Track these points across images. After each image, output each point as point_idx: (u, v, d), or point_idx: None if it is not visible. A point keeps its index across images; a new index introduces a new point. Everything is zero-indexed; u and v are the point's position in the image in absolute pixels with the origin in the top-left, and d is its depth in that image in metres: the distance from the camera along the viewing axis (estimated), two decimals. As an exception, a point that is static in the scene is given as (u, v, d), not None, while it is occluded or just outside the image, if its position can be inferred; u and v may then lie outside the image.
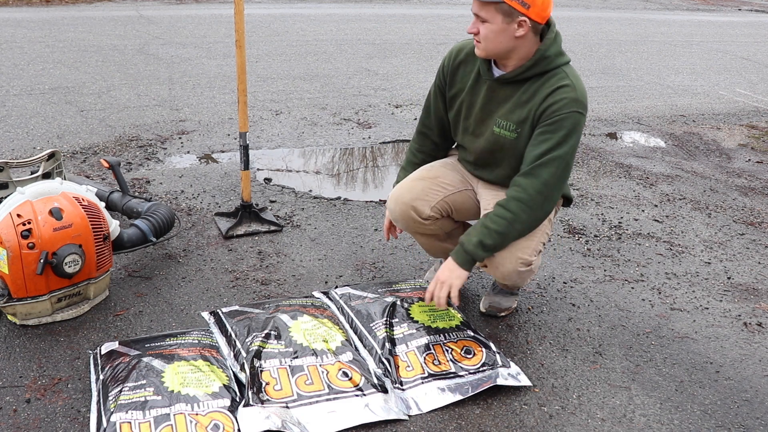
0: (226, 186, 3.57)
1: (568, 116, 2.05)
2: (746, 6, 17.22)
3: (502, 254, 2.17)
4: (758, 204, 3.92)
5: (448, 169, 2.43)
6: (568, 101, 2.05)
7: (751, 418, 2.07)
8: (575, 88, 2.07)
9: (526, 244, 2.18)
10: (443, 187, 2.36)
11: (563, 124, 2.05)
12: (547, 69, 2.09)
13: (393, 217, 2.41)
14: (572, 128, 2.06)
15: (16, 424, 1.84)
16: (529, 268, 2.20)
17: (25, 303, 2.20)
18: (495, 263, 2.20)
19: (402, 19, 10.32)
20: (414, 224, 2.37)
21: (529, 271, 2.22)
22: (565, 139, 2.06)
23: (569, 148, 2.07)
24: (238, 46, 2.77)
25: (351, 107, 5.30)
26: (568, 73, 2.10)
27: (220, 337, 2.21)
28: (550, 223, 2.30)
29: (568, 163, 2.11)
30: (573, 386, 2.16)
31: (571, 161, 2.12)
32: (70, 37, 7.22)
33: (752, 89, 7.24)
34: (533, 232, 2.19)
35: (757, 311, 2.71)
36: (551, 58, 2.08)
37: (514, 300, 2.54)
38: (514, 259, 2.17)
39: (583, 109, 2.08)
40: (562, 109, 2.04)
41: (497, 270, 2.21)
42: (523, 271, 2.20)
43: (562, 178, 2.12)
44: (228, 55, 6.76)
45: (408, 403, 1.99)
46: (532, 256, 2.19)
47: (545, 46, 2.07)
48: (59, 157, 2.64)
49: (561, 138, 2.06)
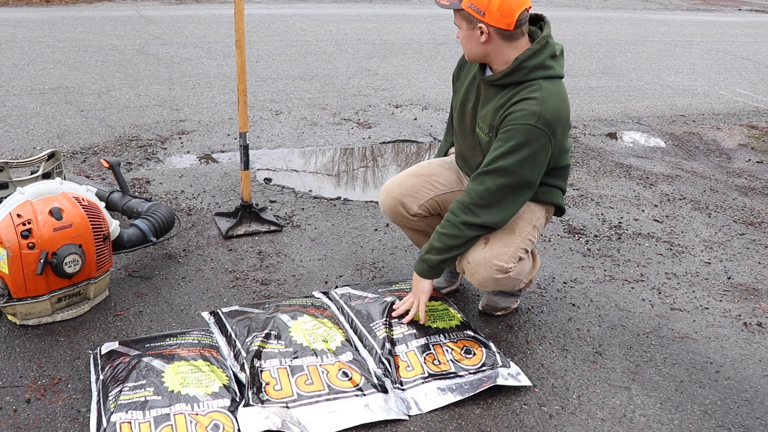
0: (226, 186, 3.57)
1: (521, 128, 1.99)
2: (746, 6, 17.22)
3: (477, 261, 2.14)
4: (758, 204, 3.92)
5: (444, 168, 2.43)
6: (526, 113, 1.99)
7: (751, 418, 2.07)
8: (542, 102, 2.00)
9: (503, 250, 2.14)
10: (435, 185, 2.36)
11: (514, 135, 2.00)
12: (523, 80, 2.05)
13: (382, 209, 2.42)
14: (524, 141, 1.99)
15: (16, 424, 1.84)
16: (506, 275, 2.16)
17: (25, 303, 2.20)
18: (470, 270, 2.18)
19: (402, 19, 10.32)
20: (402, 219, 2.40)
21: (506, 277, 2.17)
22: (513, 149, 2.01)
23: (516, 160, 2.01)
24: (238, 46, 2.77)
25: (351, 107, 5.30)
26: (543, 86, 2.03)
27: (220, 337, 2.21)
28: (536, 231, 2.25)
29: (521, 180, 2.05)
30: (573, 386, 2.16)
31: (523, 174, 2.04)
32: (70, 37, 7.22)
33: (752, 89, 7.24)
34: (511, 238, 2.16)
35: (757, 311, 2.71)
36: (528, 69, 2.04)
37: (513, 300, 2.53)
38: (489, 266, 2.13)
39: (543, 125, 1.99)
40: (518, 120, 2.00)
41: (473, 277, 2.19)
42: (500, 278, 2.16)
43: (512, 192, 2.07)
44: (228, 55, 6.76)
45: (408, 403, 1.99)
46: (509, 263, 2.14)
47: (524, 55, 2.04)
48: (59, 157, 2.64)
49: (510, 148, 2.01)
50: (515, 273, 2.20)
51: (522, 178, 2.06)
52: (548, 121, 2.00)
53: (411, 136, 4.68)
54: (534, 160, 2.04)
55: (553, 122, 2.01)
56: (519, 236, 2.18)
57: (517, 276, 2.22)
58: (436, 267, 2.18)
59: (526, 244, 2.21)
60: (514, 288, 2.32)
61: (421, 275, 2.21)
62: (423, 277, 2.20)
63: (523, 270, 2.25)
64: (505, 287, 2.27)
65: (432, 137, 4.69)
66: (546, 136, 2.01)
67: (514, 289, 2.35)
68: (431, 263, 2.17)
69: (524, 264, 2.24)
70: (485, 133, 2.15)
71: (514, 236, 2.17)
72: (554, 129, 2.02)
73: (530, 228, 2.22)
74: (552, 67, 2.08)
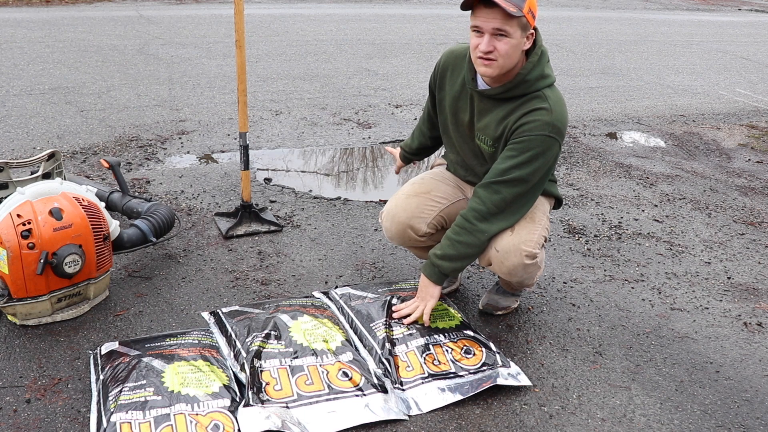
0: (226, 186, 3.57)
1: (537, 138, 2.03)
2: (746, 6, 17.22)
3: (507, 249, 2.17)
4: (758, 204, 3.92)
5: (439, 181, 2.44)
6: (540, 124, 2.03)
7: (751, 418, 2.07)
8: (552, 112, 2.04)
9: (529, 237, 2.18)
10: (437, 201, 2.37)
11: (530, 145, 2.04)
12: (526, 92, 2.07)
13: (389, 236, 2.42)
14: (541, 151, 2.05)
15: (16, 424, 1.84)
16: (534, 261, 2.20)
17: (25, 303, 2.20)
18: (500, 258, 2.19)
19: (402, 19, 10.32)
20: (410, 241, 2.40)
21: (534, 264, 2.21)
22: (530, 160, 2.05)
23: (533, 170, 2.06)
24: (238, 46, 2.77)
25: (351, 107, 5.30)
26: (549, 96, 2.07)
27: (220, 337, 2.21)
28: (548, 221, 2.31)
29: (534, 185, 2.11)
30: (573, 386, 2.16)
31: (537, 183, 2.11)
32: (70, 37, 7.22)
33: (752, 89, 7.24)
34: (533, 226, 2.20)
35: (757, 311, 2.71)
36: (531, 82, 2.06)
37: (513, 300, 2.54)
38: (519, 253, 2.16)
39: (556, 134, 2.05)
40: (533, 131, 2.03)
41: (503, 265, 2.20)
42: (529, 264, 2.20)
43: (525, 198, 2.14)
44: (228, 55, 6.76)
45: (408, 403, 1.99)
46: (535, 249, 2.18)
47: (526, 69, 2.05)
48: (59, 157, 2.64)
49: (527, 158, 2.05)
50: (539, 260, 2.25)
51: (536, 185, 2.13)
52: (559, 129, 2.06)
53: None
54: (546, 167, 2.11)
55: (562, 129, 2.08)
56: (539, 224, 2.23)
57: (540, 264, 2.27)
58: (449, 273, 2.21)
59: (544, 233, 2.26)
60: (531, 280, 2.35)
61: (432, 281, 2.22)
62: (434, 282, 2.22)
63: (543, 259, 2.31)
64: (528, 277, 2.29)
65: (432, 137, 4.69)
66: (558, 144, 2.08)
67: (531, 281, 2.37)
68: (445, 270, 2.19)
69: (543, 253, 2.29)
70: (488, 144, 2.19)
71: (535, 224, 2.21)
72: (563, 135, 2.09)
73: (545, 218, 2.27)
74: (549, 75, 2.11)
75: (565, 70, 7.33)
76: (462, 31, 9.52)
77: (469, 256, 2.18)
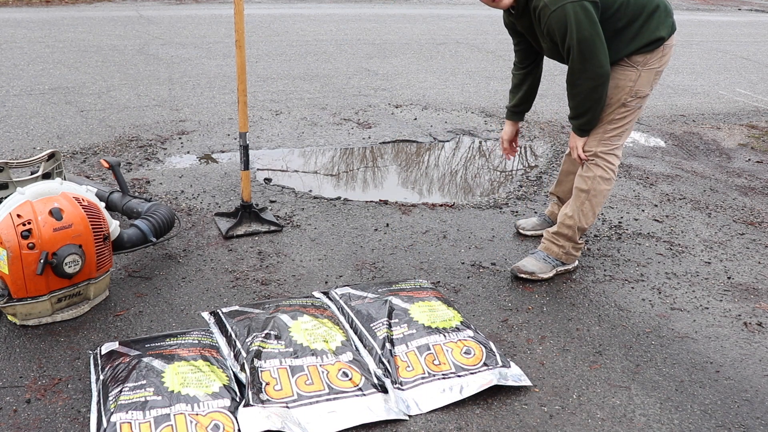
0: (226, 186, 3.58)
1: (553, 17, 2.34)
2: (746, 6, 17.23)
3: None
4: (758, 204, 3.92)
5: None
6: (546, 11, 2.34)
7: (751, 418, 2.07)
8: None
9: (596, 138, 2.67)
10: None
11: (554, 27, 2.37)
12: (526, 5, 2.46)
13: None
14: (565, 22, 2.33)
15: (16, 424, 1.84)
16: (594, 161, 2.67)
17: (25, 303, 2.20)
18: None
19: (402, 19, 10.33)
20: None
21: (595, 164, 2.66)
22: (566, 33, 2.36)
23: (577, 35, 2.34)
24: (238, 46, 2.77)
25: (351, 107, 5.30)
26: None
27: (220, 337, 2.21)
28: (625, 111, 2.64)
29: (589, 41, 2.36)
30: (573, 386, 2.16)
31: (591, 38, 2.36)
32: (70, 37, 7.23)
33: (752, 89, 7.24)
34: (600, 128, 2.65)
35: (757, 311, 2.71)
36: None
37: (542, 267, 2.77)
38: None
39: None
40: (550, 19, 2.36)
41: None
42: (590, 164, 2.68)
43: (589, 53, 2.40)
44: (228, 55, 6.76)
45: (408, 403, 1.99)
46: (596, 148, 2.66)
47: None
48: (59, 157, 2.64)
49: (563, 36, 2.38)
50: (603, 164, 2.68)
51: (592, 41, 2.39)
52: None
53: (411, 136, 4.68)
54: (588, 20, 2.34)
55: None
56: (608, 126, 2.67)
57: (603, 166, 2.69)
58: (579, 127, 2.65)
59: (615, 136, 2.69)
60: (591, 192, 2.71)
61: (576, 134, 2.68)
62: (577, 135, 2.68)
63: (610, 168, 2.72)
64: (581, 183, 2.72)
65: (432, 137, 4.69)
66: (574, 4, 2.30)
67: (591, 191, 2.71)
68: (575, 126, 2.65)
69: (613, 161, 2.72)
70: (548, 41, 2.53)
71: (603, 125, 2.68)
72: None
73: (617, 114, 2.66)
74: None
75: (565, 70, 7.32)
76: (462, 31, 9.53)
77: (585, 109, 2.55)
